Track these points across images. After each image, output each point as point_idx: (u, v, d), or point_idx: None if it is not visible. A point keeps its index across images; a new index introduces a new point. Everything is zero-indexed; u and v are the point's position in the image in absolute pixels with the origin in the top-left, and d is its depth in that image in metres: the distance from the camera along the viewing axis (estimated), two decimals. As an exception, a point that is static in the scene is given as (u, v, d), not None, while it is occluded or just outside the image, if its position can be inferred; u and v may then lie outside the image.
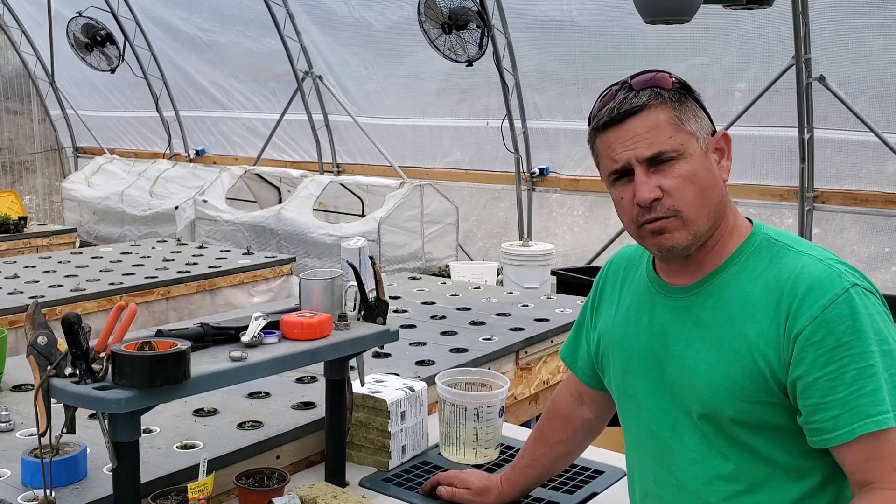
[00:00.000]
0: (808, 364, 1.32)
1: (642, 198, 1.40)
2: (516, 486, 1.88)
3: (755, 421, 1.39)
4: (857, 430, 1.29)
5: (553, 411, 1.86)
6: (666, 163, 1.40)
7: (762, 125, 5.83)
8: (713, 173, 1.44)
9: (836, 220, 5.82)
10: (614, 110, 1.42)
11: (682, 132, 1.41)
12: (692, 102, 1.45)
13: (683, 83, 1.46)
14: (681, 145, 1.40)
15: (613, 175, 1.45)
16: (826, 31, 5.37)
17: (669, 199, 1.40)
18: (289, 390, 2.36)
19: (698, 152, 1.42)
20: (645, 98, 1.41)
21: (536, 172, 7.03)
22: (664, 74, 1.45)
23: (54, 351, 1.48)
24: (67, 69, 9.89)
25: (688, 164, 1.40)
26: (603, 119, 1.44)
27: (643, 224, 1.43)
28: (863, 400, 1.29)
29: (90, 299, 4.00)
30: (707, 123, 1.46)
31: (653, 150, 1.40)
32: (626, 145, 1.41)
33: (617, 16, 6.02)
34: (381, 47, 7.52)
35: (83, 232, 8.42)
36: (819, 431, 1.33)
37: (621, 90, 1.44)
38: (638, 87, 1.43)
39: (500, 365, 2.80)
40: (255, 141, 8.93)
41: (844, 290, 1.33)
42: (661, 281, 1.54)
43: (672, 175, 1.40)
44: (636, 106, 1.41)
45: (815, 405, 1.32)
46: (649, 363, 1.53)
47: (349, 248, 1.98)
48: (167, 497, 1.68)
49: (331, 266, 2.66)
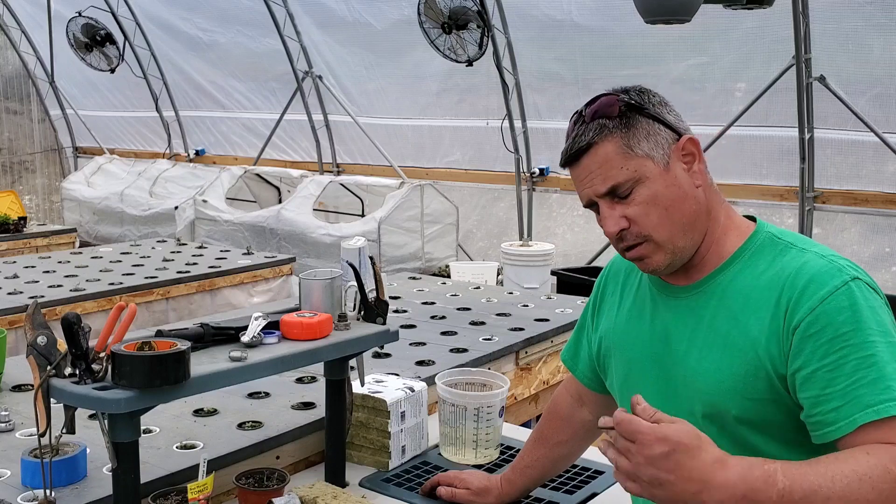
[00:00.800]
0: (806, 355, 1.31)
1: (609, 231, 1.45)
2: (516, 486, 1.88)
3: (760, 419, 1.38)
4: (859, 420, 1.26)
5: (553, 412, 1.86)
6: (625, 192, 1.42)
7: (762, 125, 5.83)
8: (679, 186, 1.43)
9: (837, 220, 5.82)
10: (569, 151, 1.45)
11: (634, 158, 1.41)
12: (644, 120, 1.42)
13: (631, 104, 1.43)
14: (634, 172, 1.41)
15: (587, 207, 1.50)
16: (826, 31, 5.37)
17: (636, 226, 1.43)
18: (289, 390, 2.36)
19: (656, 172, 1.41)
20: (591, 134, 1.42)
21: (536, 172, 7.03)
22: (611, 99, 1.44)
23: (54, 351, 1.47)
24: (67, 69, 9.90)
25: (646, 188, 1.41)
26: (563, 159, 1.48)
27: (623, 251, 1.48)
28: (864, 390, 1.27)
29: (90, 299, 4.00)
30: (664, 137, 1.43)
31: (606, 186, 1.42)
32: (584, 184, 1.45)
33: (617, 16, 6.02)
34: (381, 47, 7.52)
35: (83, 232, 8.42)
36: (820, 425, 1.31)
37: (578, 122, 1.46)
38: (588, 119, 1.44)
39: (500, 365, 2.80)
40: (255, 141, 8.94)
41: (844, 282, 1.33)
42: (663, 281, 1.54)
43: (634, 203, 1.42)
44: (582, 145, 1.43)
45: (815, 397, 1.31)
46: (652, 364, 1.52)
47: (349, 248, 1.98)
48: (167, 497, 1.68)
49: (331, 266, 2.66)
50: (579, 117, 1.46)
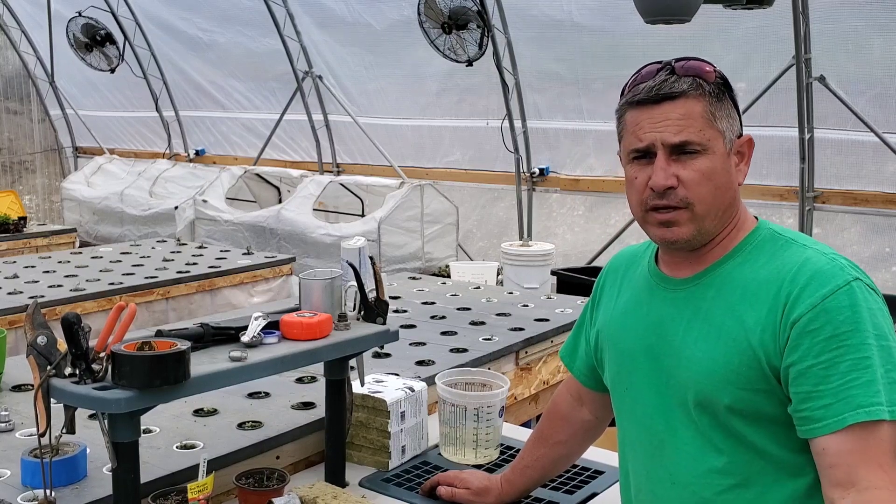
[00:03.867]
0: (803, 351, 1.32)
1: (658, 183, 1.41)
2: (516, 486, 1.88)
3: (751, 410, 1.38)
4: (849, 419, 1.27)
5: (553, 412, 1.86)
6: (689, 154, 1.40)
7: (762, 125, 5.83)
8: (730, 175, 1.44)
9: (837, 220, 5.82)
10: (653, 90, 1.42)
11: (712, 128, 1.41)
12: (728, 101, 1.45)
13: (725, 79, 1.46)
14: (708, 140, 1.41)
15: (634, 153, 1.45)
16: (826, 31, 5.37)
17: (684, 189, 1.41)
18: (289, 390, 2.36)
19: (722, 151, 1.42)
20: (685, 85, 1.41)
21: (536, 172, 7.03)
22: (708, 65, 1.45)
23: (54, 351, 1.47)
24: (67, 69, 9.89)
25: (709, 160, 1.41)
26: (639, 96, 1.43)
27: (651, 209, 1.44)
28: (856, 391, 1.27)
29: (90, 299, 4.00)
30: (737, 125, 1.46)
31: (680, 138, 1.40)
32: (656, 127, 1.41)
33: (617, 16, 6.02)
34: (381, 47, 7.51)
35: (83, 232, 8.42)
36: (808, 420, 1.31)
37: (663, 71, 1.44)
38: (681, 73, 1.43)
39: (500, 365, 2.80)
40: (255, 141, 8.93)
41: (846, 282, 1.33)
42: (663, 274, 1.54)
43: (692, 168, 1.40)
44: (675, 91, 1.41)
45: (806, 393, 1.31)
46: (645, 355, 1.52)
47: (349, 248, 1.98)
48: (167, 497, 1.68)
49: (331, 266, 2.66)
50: (665, 67, 1.44)
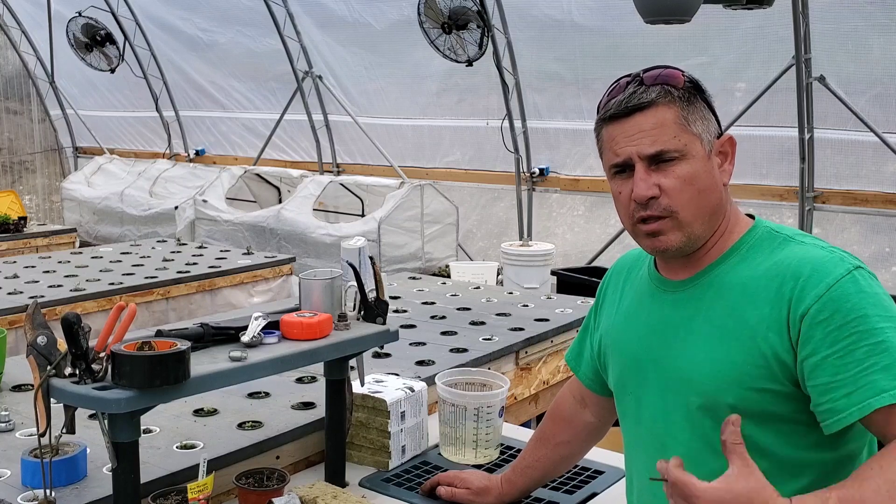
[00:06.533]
0: (816, 343, 1.31)
1: (639, 194, 1.41)
2: (516, 486, 1.88)
3: (756, 409, 1.37)
4: (874, 404, 1.25)
5: (555, 413, 1.86)
6: (667, 162, 1.40)
7: (762, 125, 5.83)
8: (713, 177, 1.44)
9: (836, 220, 5.82)
10: (622, 103, 1.42)
11: (687, 133, 1.41)
12: (701, 103, 1.44)
13: (695, 83, 1.46)
14: (684, 146, 1.40)
15: (614, 168, 1.46)
16: (826, 31, 5.37)
17: (666, 198, 1.41)
18: (289, 390, 2.36)
19: (701, 154, 1.42)
20: (654, 94, 1.41)
21: (536, 172, 7.03)
22: (676, 72, 1.44)
23: (54, 351, 1.47)
24: (67, 69, 9.89)
25: (689, 165, 1.40)
26: (610, 111, 1.44)
27: (638, 222, 1.44)
28: (877, 375, 1.25)
29: (90, 299, 4.00)
30: (714, 126, 1.45)
31: (655, 148, 1.40)
32: (630, 140, 1.41)
33: (617, 16, 6.02)
34: (381, 47, 7.51)
35: (83, 232, 8.42)
36: (831, 413, 1.29)
37: (632, 83, 1.44)
38: (649, 83, 1.42)
39: (500, 365, 2.80)
40: (255, 141, 8.93)
41: (848, 271, 1.33)
42: (662, 277, 1.54)
43: (672, 175, 1.40)
44: (644, 101, 1.41)
45: (825, 384, 1.29)
46: (647, 359, 1.52)
47: (349, 248, 1.98)
48: (167, 497, 1.68)
49: (331, 266, 2.66)
50: (634, 79, 1.44)
